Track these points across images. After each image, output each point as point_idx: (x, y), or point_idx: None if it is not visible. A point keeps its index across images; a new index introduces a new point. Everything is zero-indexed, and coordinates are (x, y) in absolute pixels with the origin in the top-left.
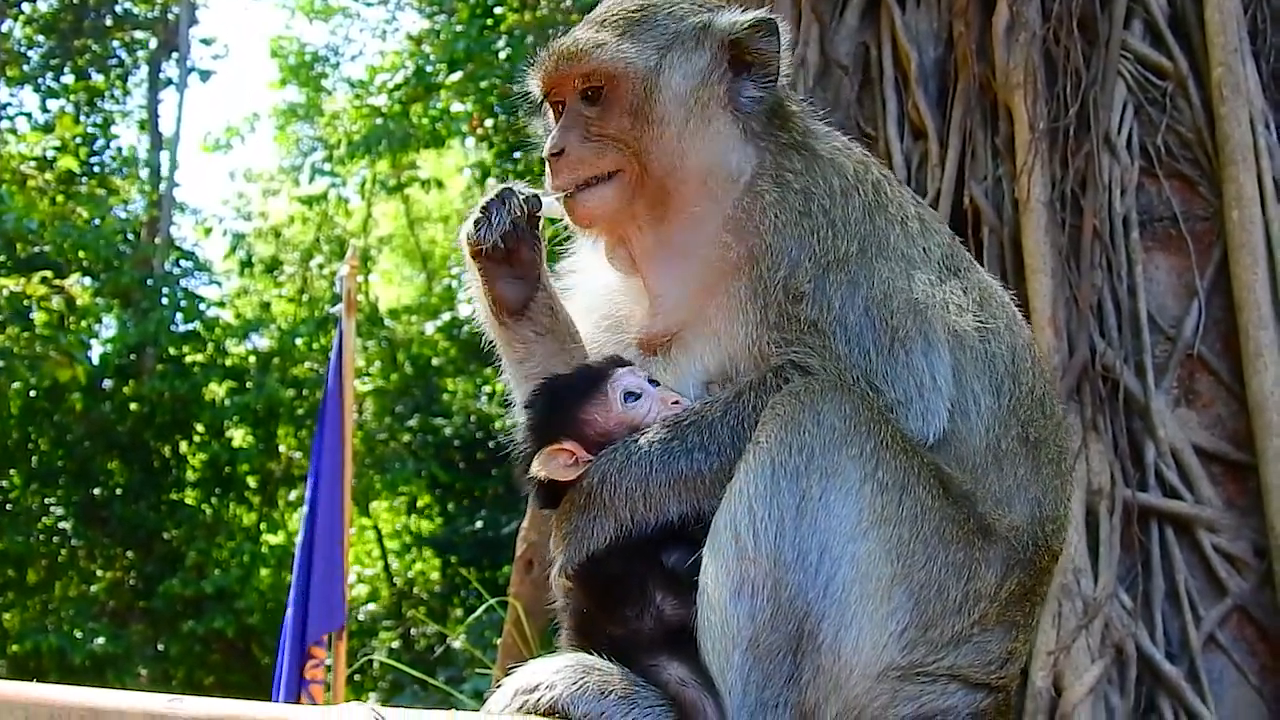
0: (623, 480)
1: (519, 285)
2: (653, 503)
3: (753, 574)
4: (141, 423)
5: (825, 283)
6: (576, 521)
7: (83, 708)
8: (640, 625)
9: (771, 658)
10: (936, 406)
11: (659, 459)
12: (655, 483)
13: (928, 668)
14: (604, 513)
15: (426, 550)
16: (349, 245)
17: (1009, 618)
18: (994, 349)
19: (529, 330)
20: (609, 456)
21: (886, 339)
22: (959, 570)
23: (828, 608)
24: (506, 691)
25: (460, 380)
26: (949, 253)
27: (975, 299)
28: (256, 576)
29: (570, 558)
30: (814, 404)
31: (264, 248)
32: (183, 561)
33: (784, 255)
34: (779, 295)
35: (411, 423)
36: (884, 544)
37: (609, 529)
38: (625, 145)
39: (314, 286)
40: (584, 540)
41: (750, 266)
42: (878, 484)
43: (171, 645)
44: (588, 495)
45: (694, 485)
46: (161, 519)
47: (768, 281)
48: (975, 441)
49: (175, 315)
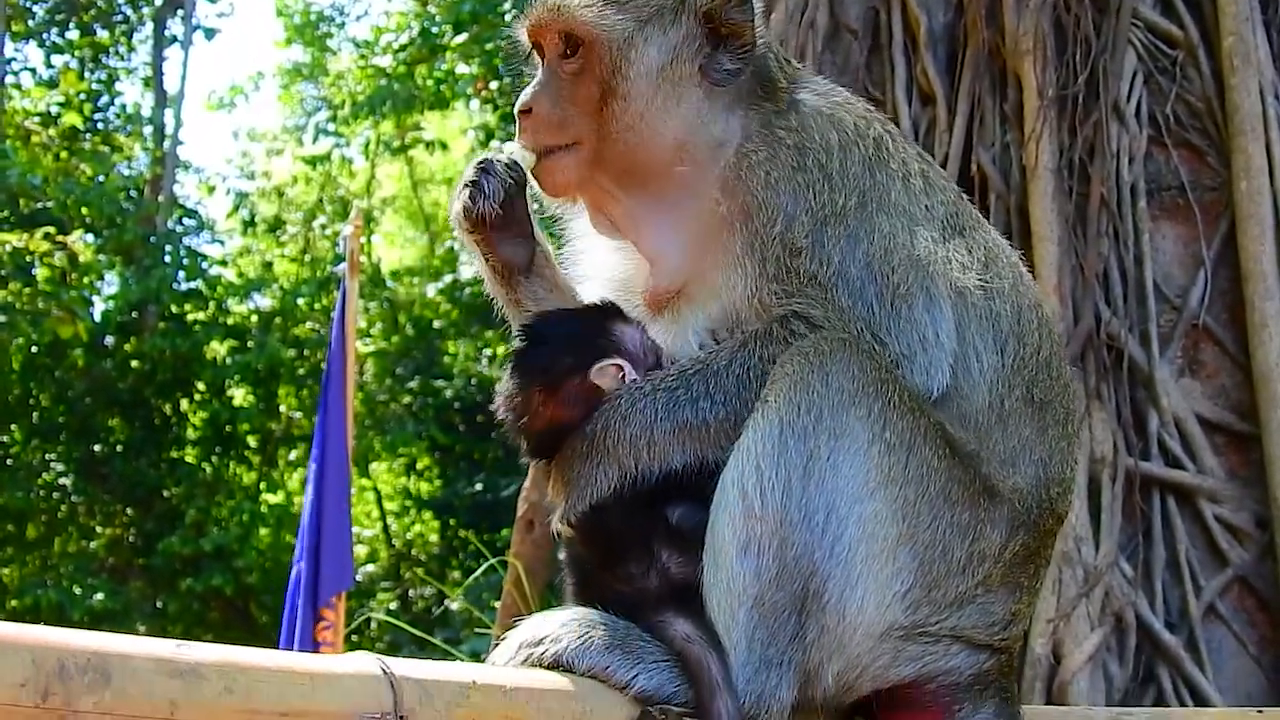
0: (626, 427)
1: (521, 244)
2: (656, 451)
3: (759, 532)
4: (142, 380)
5: (823, 237)
6: (579, 468)
7: (89, 651)
8: (646, 582)
9: (776, 616)
10: (939, 361)
11: (664, 406)
12: (660, 430)
13: (931, 628)
14: (607, 460)
15: (426, 512)
16: (352, 206)
17: (1013, 579)
18: (998, 308)
19: (540, 286)
20: (612, 403)
21: (888, 294)
22: (964, 531)
23: (833, 567)
24: (511, 644)
25: (461, 343)
26: (954, 211)
27: (980, 258)
28: (255, 535)
29: (572, 505)
30: (823, 364)
31: (267, 207)
32: (182, 519)
33: (778, 210)
34: (776, 249)
35: (412, 385)
36: (890, 504)
37: (612, 476)
38: (590, 116)
39: (316, 247)
40: (586, 488)
41: (744, 222)
42: (885, 444)
43: (170, 602)
44: (590, 441)
45: (699, 434)
46: (161, 477)
47: (764, 236)
48: (979, 400)
49: (177, 273)
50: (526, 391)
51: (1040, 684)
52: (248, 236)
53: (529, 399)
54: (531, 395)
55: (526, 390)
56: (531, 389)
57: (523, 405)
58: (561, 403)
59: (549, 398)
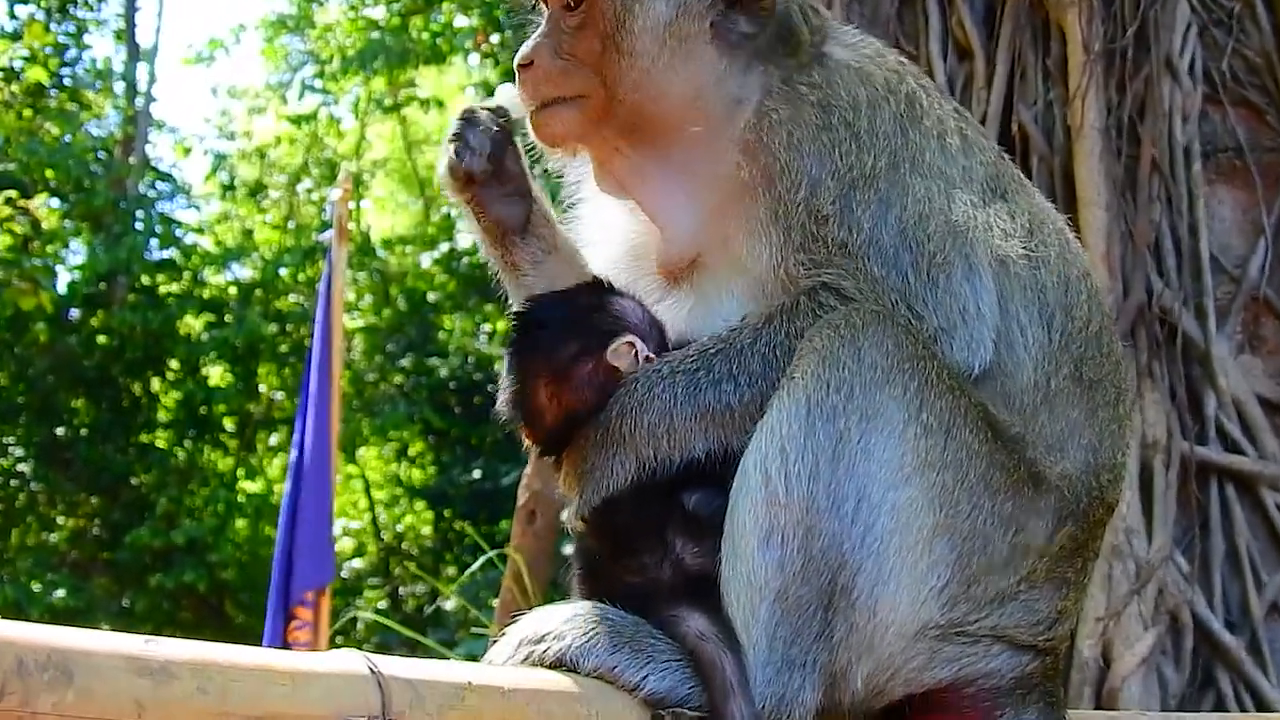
0: (644, 414)
1: (515, 202)
2: (677, 439)
3: (783, 520)
4: (110, 357)
5: (852, 202)
6: (594, 460)
7: (49, 647)
8: (658, 573)
9: (801, 612)
10: (981, 336)
11: (684, 390)
12: (680, 416)
13: (969, 627)
14: (624, 450)
15: (418, 502)
16: (340, 169)
17: (1059, 574)
18: (1044, 278)
19: (537, 248)
20: (628, 389)
21: (924, 262)
22: (1006, 521)
23: (864, 559)
24: (510, 641)
25: (458, 317)
26: (994, 173)
27: (1024, 224)
28: (232, 527)
29: (588, 499)
30: (854, 338)
31: (248, 170)
32: (152, 509)
33: (803, 174)
34: (801, 217)
35: (404, 363)
36: (926, 491)
37: (629, 467)
38: (593, 71)
39: (301, 213)
40: (602, 480)
41: (767, 187)
42: (921, 426)
43: (138, 600)
44: (605, 431)
45: (722, 419)
46: (130, 463)
47: (787, 203)
48: (1023, 379)
49: (150, 241)
50: (532, 384)
51: (1089, 688)
52: (226, 202)
53: (536, 392)
54: (538, 388)
55: (532, 383)
56: (538, 381)
57: (530, 400)
58: (573, 392)
59: (559, 388)
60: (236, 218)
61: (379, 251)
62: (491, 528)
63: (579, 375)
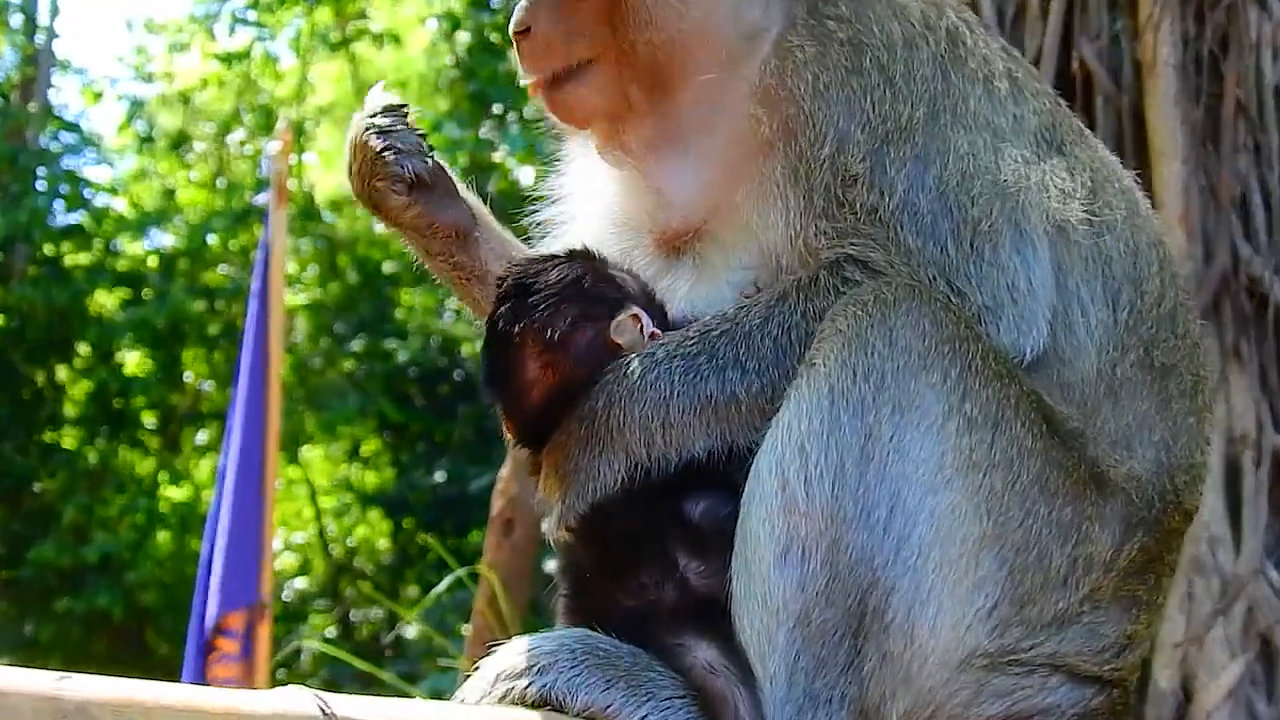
0: (635, 405)
1: (455, 201)
2: (674, 434)
3: (804, 532)
4: (9, 341)
5: (884, 159)
6: (577, 458)
7: None
8: (659, 595)
9: (825, 639)
10: (1033, 315)
11: (681, 378)
12: (677, 408)
13: (1023, 655)
14: (612, 447)
15: (372, 510)
16: (279, 117)
17: (1128, 592)
18: (1109, 247)
19: (495, 242)
20: (616, 375)
21: (967, 230)
22: (1065, 531)
23: (899, 577)
24: (485, 676)
25: (418, 292)
26: (1050, 123)
27: (1085, 182)
28: (153, 542)
29: (572, 506)
30: (885, 317)
31: (169, 119)
32: (58, 521)
33: (828, 126)
34: (825, 177)
35: (355, 346)
36: (971, 496)
37: (619, 468)
38: (598, 22)
39: (233, 169)
40: (587, 483)
41: (786, 142)
42: (964, 419)
43: (42, 628)
44: (591, 424)
45: (726, 412)
46: (32, 465)
47: (810, 160)
48: (1085, 365)
49: (54, 204)
50: (519, 356)
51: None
52: (144, 156)
53: (523, 366)
54: (526, 360)
55: (519, 354)
56: (526, 352)
57: (515, 375)
58: (568, 365)
59: (551, 361)
60: (156, 175)
61: (325, 214)
62: (460, 540)
63: (576, 345)
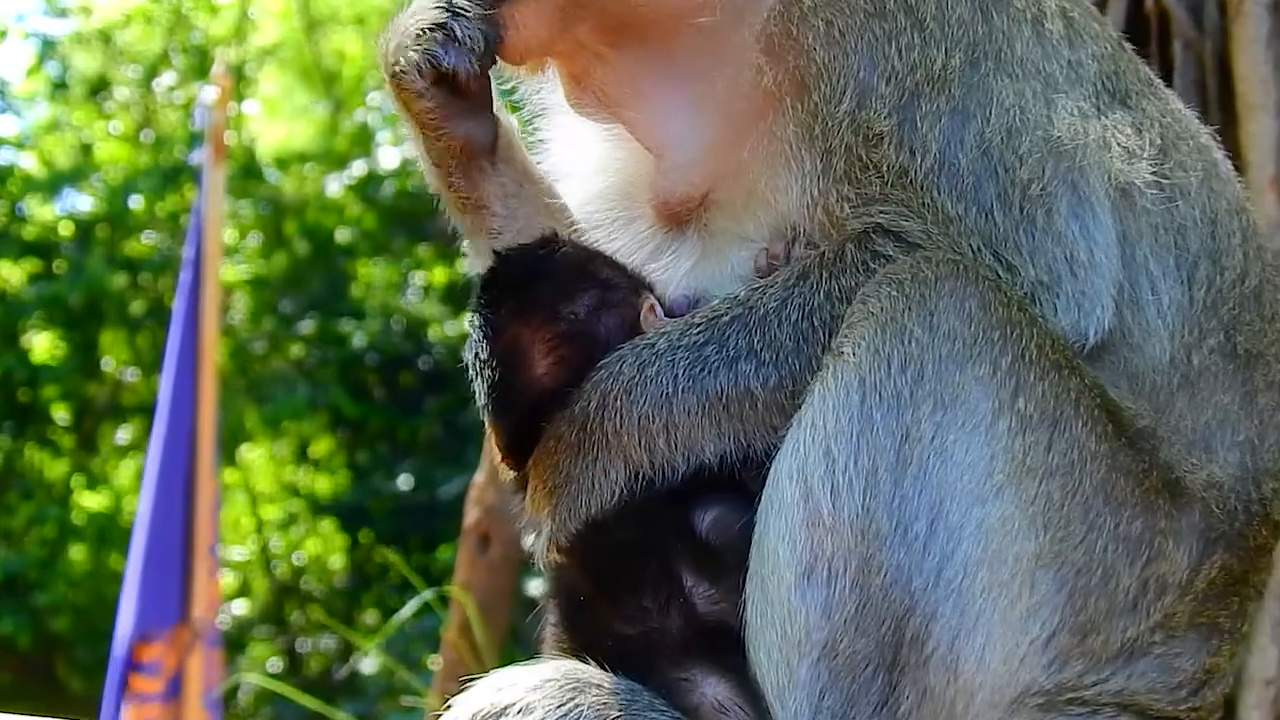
0: (633, 405)
1: (483, 119)
2: (678, 437)
3: (830, 549)
4: None
5: (914, 113)
6: (569, 468)
7: None
8: (663, 621)
9: (855, 674)
10: (1096, 291)
11: (686, 372)
12: (681, 407)
13: (1085, 693)
14: (608, 453)
15: (324, 520)
16: (215, 59)
17: (1207, 619)
18: (1182, 214)
19: (509, 178)
20: (612, 370)
21: (1014, 193)
22: (1134, 547)
23: (940, 601)
24: (460, 715)
25: (379, 263)
26: (1113, 70)
27: (1154, 140)
28: (65, 558)
29: (564, 522)
30: (925, 298)
31: (86, 61)
32: None
33: (847, 78)
34: (846, 136)
35: (304, 328)
36: (1025, 508)
37: (617, 477)
38: None
39: (161, 120)
40: (580, 495)
41: (797, 98)
42: (1017, 418)
43: None
44: (583, 428)
45: (739, 410)
46: None
47: (826, 118)
48: (1155, 351)
49: None
50: (522, 349)
51: None
52: (56, 105)
53: (523, 348)
54: (528, 340)
55: (522, 346)
56: (531, 343)
57: (510, 359)
58: (575, 355)
59: (556, 346)
60: (70, 127)
61: (269, 174)
62: (426, 557)
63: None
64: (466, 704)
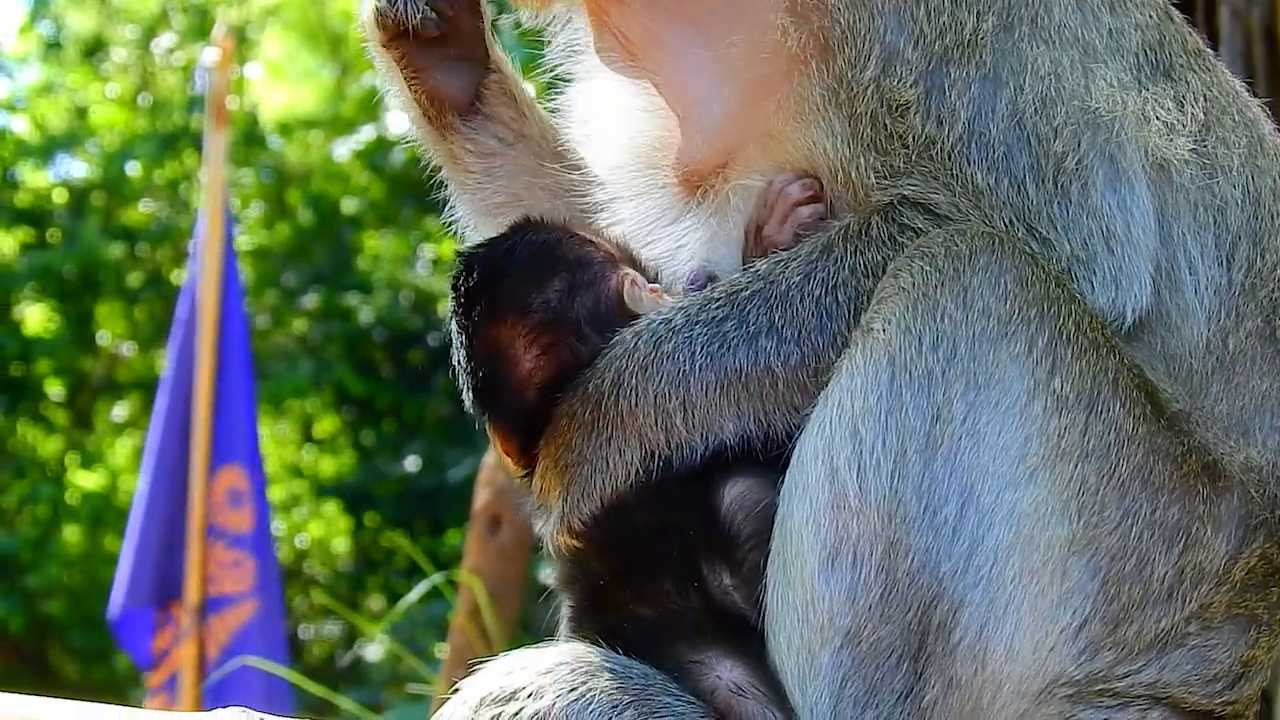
0: (649, 383)
1: (463, 70)
2: (696, 416)
3: (855, 532)
4: None
5: (942, 81)
6: (582, 448)
7: None
8: (682, 604)
9: (879, 661)
10: (1135, 267)
11: (704, 349)
12: (700, 386)
13: (1117, 684)
14: (623, 433)
15: (329, 503)
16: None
17: (1245, 610)
18: (1223, 192)
19: (489, 136)
20: (627, 345)
21: (1048, 165)
22: (1170, 534)
23: (969, 588)
24: (469, 699)
25: (387, 235)
26: (1156, 40)
27: (1196, 115)
28: (58, 539)
29: (574, 505)
30: (959, 273)
31: (81, 20)
32: None
33: (872, 42)
34: (871, 103)
35: (309, 302)
36: (1060, 492)
37: (632, 458)
38: None
39: (160, 83)
40: (594, 477)
41: (821, 60)
42: (1053, 398)
43: None
44: (597, 405)
45: (759, 388)
46: None
47: (851, 83)
48: (1193, 333)
49: None
50: (506, 346)
51: None
52: (50, 66)
53: (512, 359)
54: (515, 350)
55: (505, 343)
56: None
57: (504, 372)
58: (559, 342)
59: (537, 337)
60: (65, 90)
61: (272, 140)
62: (434, 541)
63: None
64: (475, 688)
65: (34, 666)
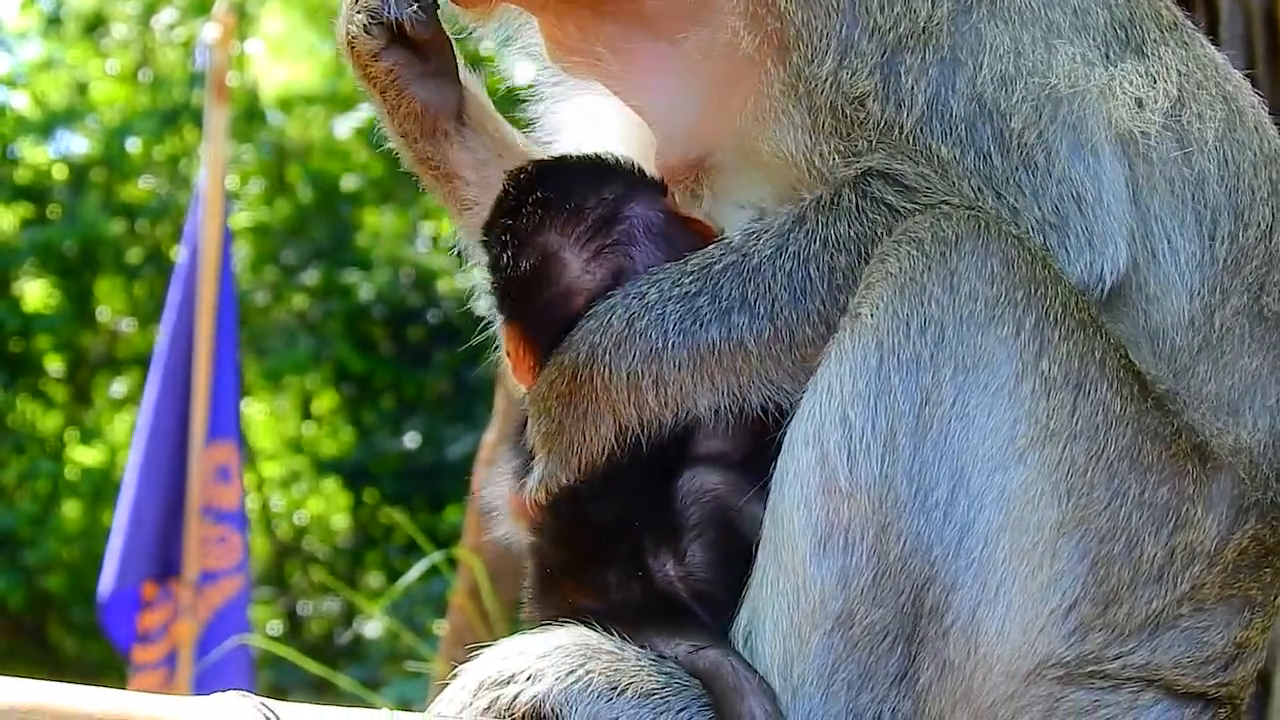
0: (621, 360)
1: (444, 84)
2: (669, 393)
3: (846, 516)
4: None
5: (899, 69)
6: (561, 416)
7: None
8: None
9: (873, 645)
10: (1107, 229)
11: (677, 325)
12: (672, 363)
13: (1108, 666)
14: (597, 407)
15: (327, 480)
16: None
17: (1238, 591)
18: (1199, 166)
19: (481, 145)
20: (602, 320)
21: (1009, 135)
22: (1161, 514)
23: (961, 571)
24: (468, 684)
25: (387, 212)
26: (1126, 17)
27: (1168, 90)
28: (58, 515)
29: (553, 471)
30: (946, 256)
31: None
32: None
33: (827, 38)
34: (830, 95)
35: (308, 278)
36: (1049, 473)
37: (606, 432)
38: None
39: (160, 59)
40: (572, 446)
41: (779, 59)
42: (1041, 380)
43: None
44: (573, 379)
45: (732, 364)
46: None
47: (809, 79)
48: (1173, 309)
49: None
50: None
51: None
52: (51, 42)
53: (555, 250)
54: (557, 242)
55: (548, 234)
56: (557, 229)
57: (543, 264)
58: (616, 250)
59: (592, 240)
60: (65, 66)
61: (272, 116)
62: (433, 518)
63: (629, 223)
64: (474, 670)
65: (34, 641)
